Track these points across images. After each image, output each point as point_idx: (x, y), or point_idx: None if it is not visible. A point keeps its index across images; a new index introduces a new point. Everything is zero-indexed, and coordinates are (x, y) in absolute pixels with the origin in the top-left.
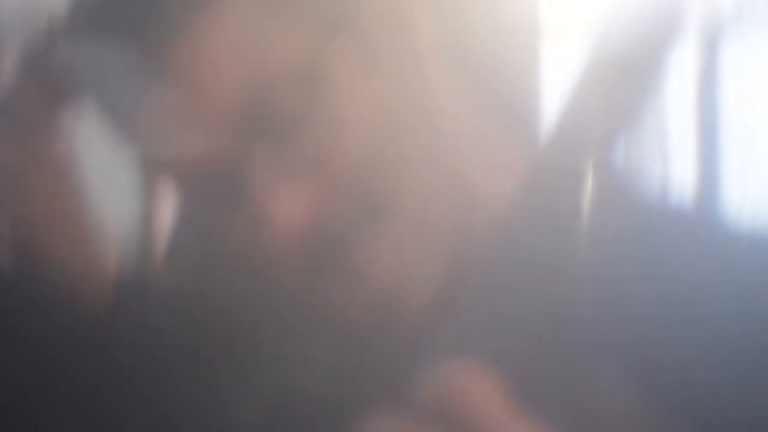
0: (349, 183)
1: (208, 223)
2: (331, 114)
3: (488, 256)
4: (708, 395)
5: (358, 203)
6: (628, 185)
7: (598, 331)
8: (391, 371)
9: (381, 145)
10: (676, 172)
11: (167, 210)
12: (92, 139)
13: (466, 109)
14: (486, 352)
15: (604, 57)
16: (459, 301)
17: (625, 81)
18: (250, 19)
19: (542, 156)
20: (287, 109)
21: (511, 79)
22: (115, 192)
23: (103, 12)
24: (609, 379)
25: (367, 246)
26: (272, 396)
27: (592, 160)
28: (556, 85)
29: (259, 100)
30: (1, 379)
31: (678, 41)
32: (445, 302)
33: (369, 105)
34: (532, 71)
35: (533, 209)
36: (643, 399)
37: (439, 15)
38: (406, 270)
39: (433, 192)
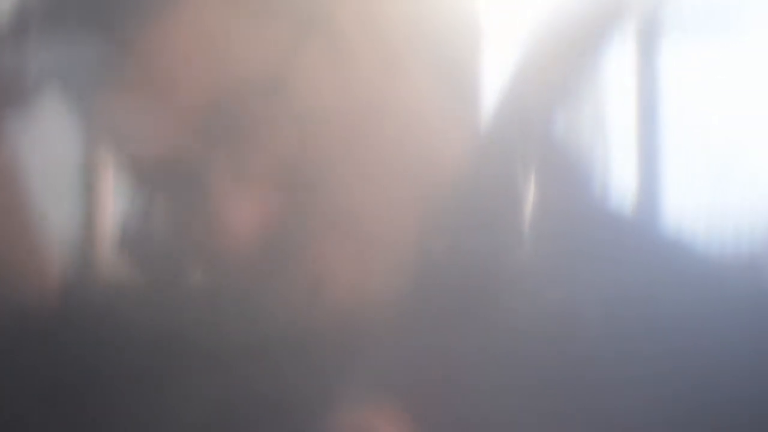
0: (311, 190)
1: (164, 221)
2: (297, 119)
3: (443, 265)
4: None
5: (319, 211)
6: (571, 187)
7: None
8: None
9: (346, 152)
10: (616, 173)
11: (112, 212)
12: (37, 143)
13: (436, 114)
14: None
15: (544, 45)
16: (416, 313)
17: (563, 67)
18: (217, 18)
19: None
20: (252, 111)
21: (481, 81)
22: (59, 194)
23: (67, 9)
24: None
25: (325, 254)
26: (217, 398)
27: (536, 159)
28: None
29: (223, 101)
30: None
31: (616, 27)
32: (402, 314)
33: (336, 110)
34: (490, 71)
35: (481, 211)
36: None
37: (412, 14)
38: (364, 279)
39: (396, 201)
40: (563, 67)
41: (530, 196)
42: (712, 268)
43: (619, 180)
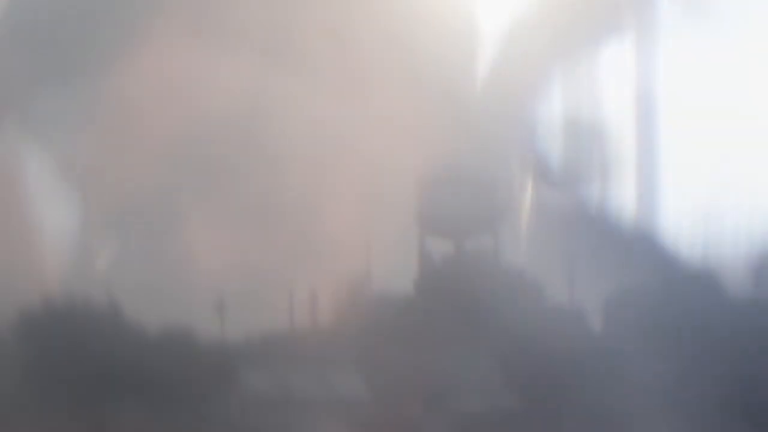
0: (284, 226)
1: (139, 253)
2: (270, 150)
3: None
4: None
5: (291, 246)
6: (569, 190)
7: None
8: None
9: (321, 179)
10: (614, 182)
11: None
12: (35, 154)
13: (416, 133)
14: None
15: (540, 48)
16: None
17: (559, 66)
18: (187, 56)
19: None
20: (224, 145)
21: (467, 88)
22: (55, 204)
23: (39, 41)
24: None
25: (298, 290)
26: (214, 401)
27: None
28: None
29: (195, 136)
30: None
31: (612, 26)
32: (398, 320)
33: (309, 140)
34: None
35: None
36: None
37: (385, 36)
38: (339, 317)
39: (377, 221)
40: (559, 66)
41: (528, 199)
42: (710, 270)
43: (618, 183)
